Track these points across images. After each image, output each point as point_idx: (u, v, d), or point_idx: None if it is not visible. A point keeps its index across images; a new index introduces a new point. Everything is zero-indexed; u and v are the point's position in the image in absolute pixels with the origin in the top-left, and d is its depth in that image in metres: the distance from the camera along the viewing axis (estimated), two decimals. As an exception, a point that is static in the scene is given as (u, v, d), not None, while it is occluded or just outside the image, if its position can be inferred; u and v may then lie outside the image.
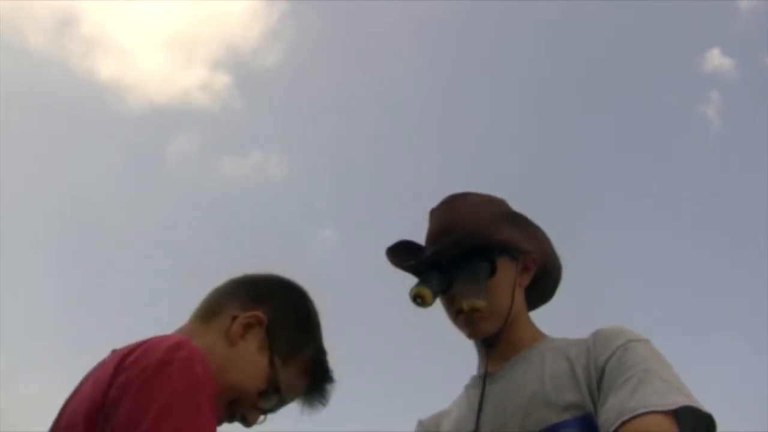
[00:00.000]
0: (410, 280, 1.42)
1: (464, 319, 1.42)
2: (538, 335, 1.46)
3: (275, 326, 1.20)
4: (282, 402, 1.21)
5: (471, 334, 1.44)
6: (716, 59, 7.71)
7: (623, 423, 1.16)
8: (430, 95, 8.14)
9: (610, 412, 1.20)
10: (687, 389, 1.22)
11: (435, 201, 1.53)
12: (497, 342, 1.42)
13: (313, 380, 1.24)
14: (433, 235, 1.48)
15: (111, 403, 0.98)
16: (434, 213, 1.52)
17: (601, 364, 1.28)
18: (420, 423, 1.53)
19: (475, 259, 1.41)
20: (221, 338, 1.17)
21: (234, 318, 1.19)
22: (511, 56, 8.17)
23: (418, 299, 1.37)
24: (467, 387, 1.49)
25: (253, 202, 8.15)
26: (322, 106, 8.03)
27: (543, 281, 1.52)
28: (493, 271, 1.42)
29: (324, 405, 1.26)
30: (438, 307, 1.45)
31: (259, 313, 1.20)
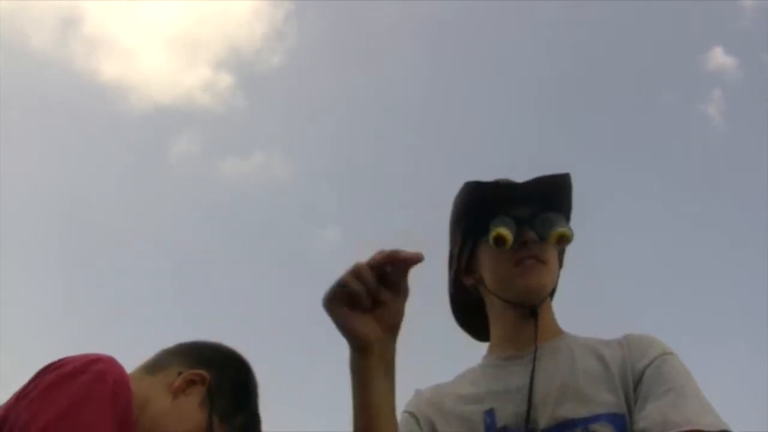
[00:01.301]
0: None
1: (530, 266, 1.39)
2: (559, 329, 1.46)
3: (216, 387, 1.28)
4: None
5: (529, 284, 1.39)
6: (719, 58, 7.73)
7: None
8: (430, 95, 8.16)
9: (651, 419, 1.23)
10: (715, 409, 1.25)
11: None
12: (539, 312, 1.40)
13: None
14: (514, 183, 1.47)
15: (21, 395, 1.07)
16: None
17: (640, 370, 1.31)
18: (418, 392, 1.47)
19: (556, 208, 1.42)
20: (163, 390, 1.25)
21: (179, 373, 1.27)
22: (511, 56, 8.19)
23: (500, 241, 1.37)
24: (484, 366, 1.45)
25: (254, 202, 8.17)
26: (324, 107, 8.05)
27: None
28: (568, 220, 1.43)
29: None
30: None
31: (204, 372, 1.28)
